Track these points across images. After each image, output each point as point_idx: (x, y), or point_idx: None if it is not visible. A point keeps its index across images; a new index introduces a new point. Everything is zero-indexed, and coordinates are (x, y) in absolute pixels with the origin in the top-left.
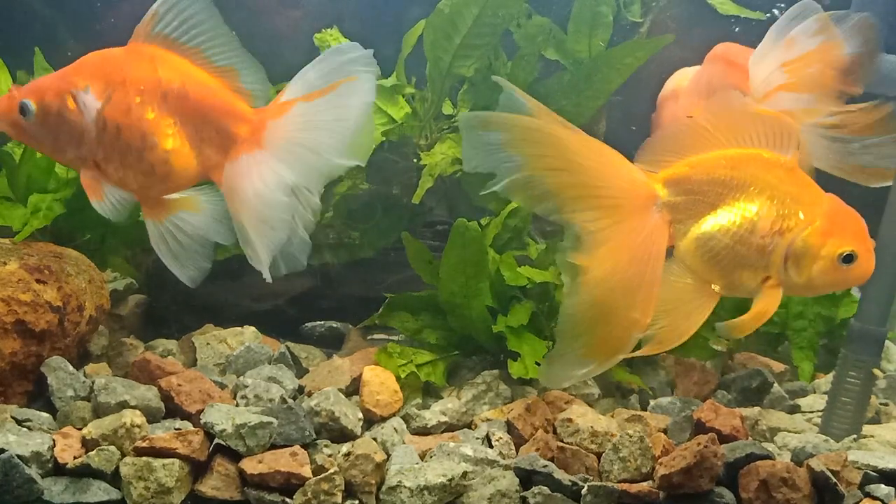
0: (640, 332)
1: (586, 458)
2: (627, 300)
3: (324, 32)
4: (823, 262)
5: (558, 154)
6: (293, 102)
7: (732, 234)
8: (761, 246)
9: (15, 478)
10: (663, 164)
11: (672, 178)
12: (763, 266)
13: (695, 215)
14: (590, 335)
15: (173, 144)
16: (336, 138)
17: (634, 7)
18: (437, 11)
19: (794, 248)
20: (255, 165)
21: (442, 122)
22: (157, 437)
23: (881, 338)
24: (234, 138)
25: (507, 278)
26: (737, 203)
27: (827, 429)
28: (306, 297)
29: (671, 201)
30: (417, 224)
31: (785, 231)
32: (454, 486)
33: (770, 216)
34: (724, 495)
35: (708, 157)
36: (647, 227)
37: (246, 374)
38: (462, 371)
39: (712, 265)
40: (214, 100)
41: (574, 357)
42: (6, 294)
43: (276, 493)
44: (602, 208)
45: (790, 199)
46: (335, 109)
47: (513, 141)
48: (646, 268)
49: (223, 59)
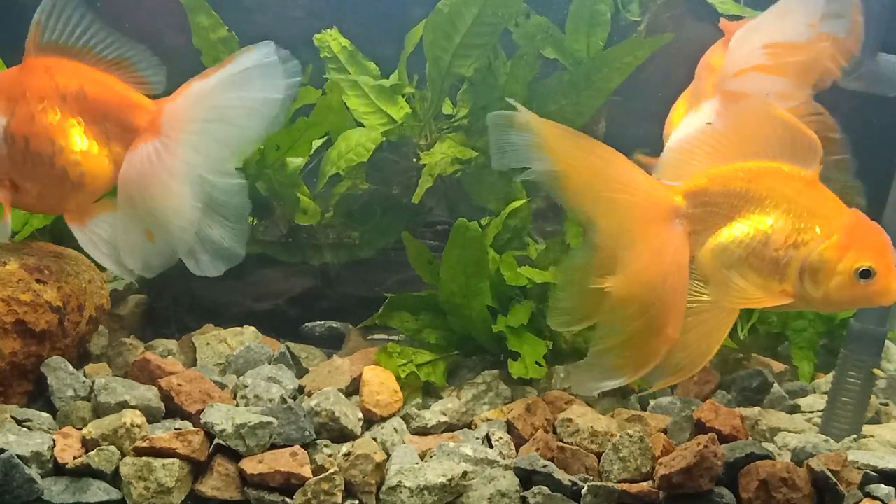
0: (669, 345)
1: (586, 458)
2: (660, 313)
3: (324, 33)
4: (840, 278)
5: (585, 161)
6: (189, 84)
7: (745, 246)
8: (775, 259)
9: (15, 478)
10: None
11: (691, 191)
12: (778, 279)
13: (711, 227)
14: (622, 348)
15: (82, 146)
16: (238, 113)
17: (633, 6)
18: (437, 11)
19: (810, 262)
20: (154, 154)
21: (442, 121)
22: (157, 437)
23: (881, 338)
24: (135, 130)
25: (507, 278)
26: (752, 215)
27: (827, 429)
28: (306, 297)
29: (690, 213)
30: (417, 224)
31: (800, 244)
32: (454, 486)
33: (785, 229)
34: (724, 495)
35: (726, 169)
36: (672, 239)
37: (246, 374)
38: (462, 371)
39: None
40: (112, 95)
41: (605, 368)
42: (6, 294)
43: (276, 493)
44: (627, 221)
45: (807, 212)
46: (232, 84)
47: (541, 142)
48: (674, 280)
49: (113, 53)
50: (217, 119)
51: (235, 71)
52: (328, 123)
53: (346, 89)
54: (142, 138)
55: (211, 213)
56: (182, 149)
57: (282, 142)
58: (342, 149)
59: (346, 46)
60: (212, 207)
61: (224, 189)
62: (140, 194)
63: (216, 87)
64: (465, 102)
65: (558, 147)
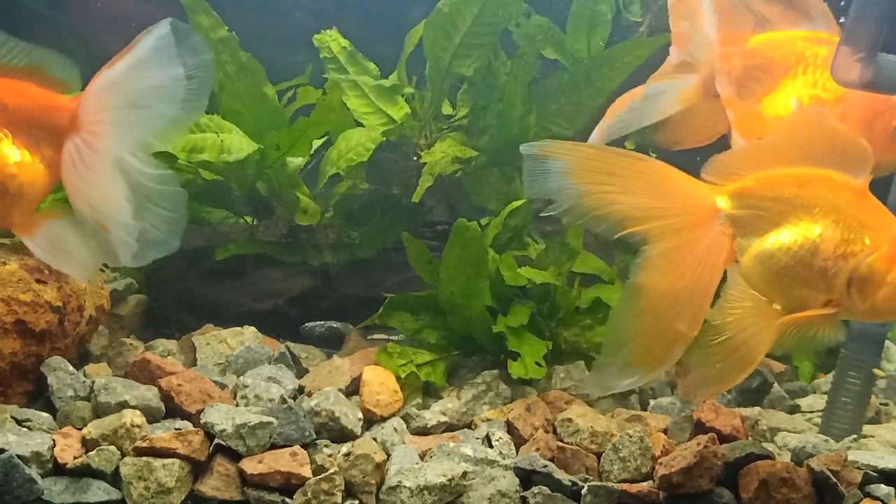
0: (685, 344)
1: (586, 458)
2: (676, 311)
3: (324, 33)
4: (889, 289)
5: (616, 180)
6: (99, 74)
7: (793, 255)
8: (823, 269)
9: (15, 478)
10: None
11: (737, 192)
12: (825, 289)
13: (757, 231)
14: (636, 345)
15: (14, 157)
16: (146, 95)
17: (634, 7)
18: (437, 11)
19: (859, 274)
20: (80, 148)
21: (441, 121)
22: (157, 437)
23: (881, 338)
24: (60, 131)
25: (506, 278)
26: (800, 223)
27: (827, 429)
28: (306, 297)
29: (734, 214)
30: (417, 224)
31: (849, 255)
32: (454, 486)
33: (834, 239)
34: (724, 495)
35: (776, 173)
36: (707, 239)
37: (246, 374)
38: (462, 371)
39: (773, 283)
40: (31, 101)
41: (620, 366)
42: (6, 294)
43: (276, 493)
44: (663, 225)
45: (857, 223)
46: (136, 67)
47: (571, 169)
48: (699, 280)
49: (23, 60)
50: (128, 104)
51: (137, 54)
52: (328, 123)
53: (345, 89)
54: (68, 136)
55: (144, 202)
56: (103, 138)
57: (282, 142)
58: (342, 149)
59: (345, 46)
60: (145, 197)
61: (155, 178)
62: (80, 190)
63: (122, 73)
64: (464, 102)
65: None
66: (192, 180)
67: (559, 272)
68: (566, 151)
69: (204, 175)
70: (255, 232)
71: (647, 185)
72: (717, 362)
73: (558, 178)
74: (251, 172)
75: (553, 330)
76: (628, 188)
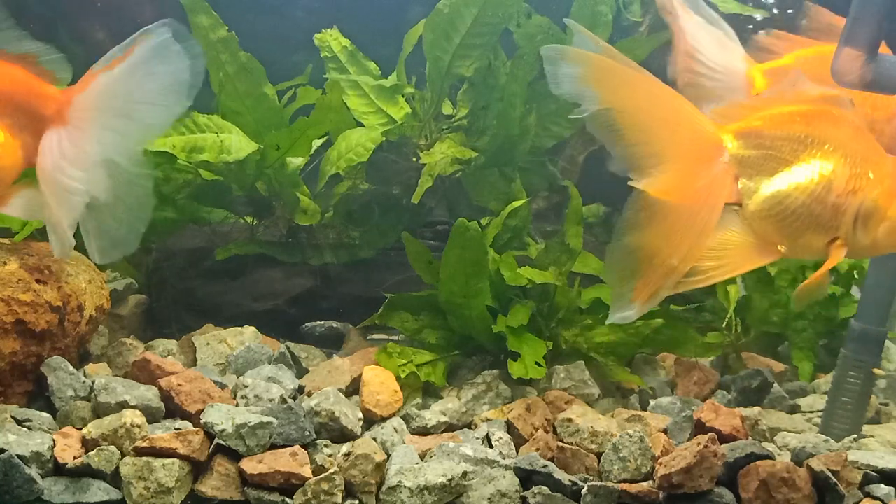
0: (676, 279)
1: (586, 458)
2: (671, 246)
3: (324, 32)
4: (890, 223)
5: (629, 95)
6: (96, 75)
7: (810, 193)
8: (836, 205)
9: (15, 478)
10: (736, 117)
11: (744, 131)
12: (834, 226)
13: (766, 171)
14: (636, 278)
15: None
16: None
17: (634, 7)
18: (437, 11)
19: (865, 209)
20: (57, 142)
21: (441, 121)
22: (157, 437)
23: (881, 338)
24: (43, 119)
25: (507, 278)
26: (812, 160)
27: (827, 429)
28: (306, 297)
29: (741, 154)
30: (417, 224)
31: (857, 191)
32: (454, 486)
33: (844, 175)
34: (724, 495)
35: (781, 111)
36: (708, 177)
37: (246, 374)
38: (462, 371)
39: (783, 224)
40: (19, 86)
41: (626, 300)
42: (6, 294)
43: (276, 493)
44: (666, 153)
45: (861, 158)
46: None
47: (588, 76)
48: (697, 217)
49: (17, 47)
50: (125, 109)
51: (136, 60)
52: (328, 122)
53: (346, 89)
54: (50, 127)
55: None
56: (89, 138)
57: (282, 142)
58: (342, 149)
59: (346, 46)
60: (116, 196)
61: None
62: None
63: (121, 78)
64: (464, 102)
65: (604, 78)
66: (192, 180)
67: (559, 272)
68: (582, 58)
69: (204, 175)
70: (255, 232)
71: (658, 111)
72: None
73: (577, 83)
74: (251, 172)
75: (553, 330)
76: (640, 109)
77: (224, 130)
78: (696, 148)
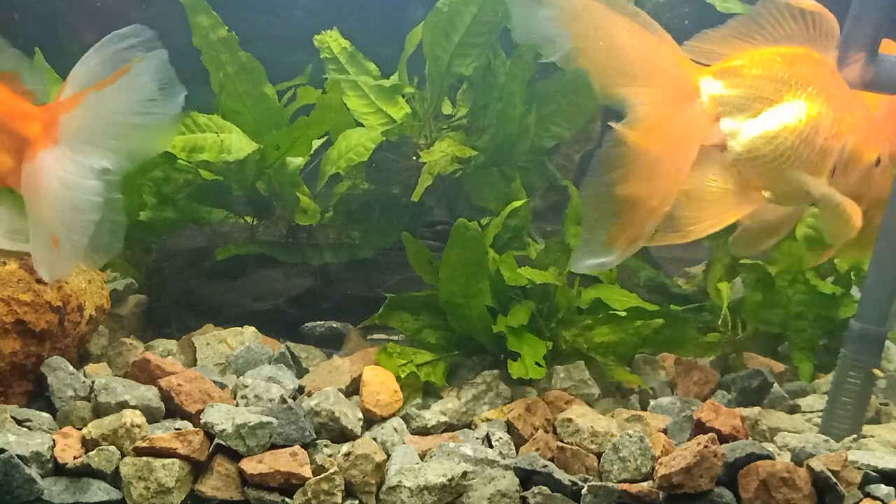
0: (657, 221)
1: (586, 458)
2: (650, 187)
3: (324, 33)
4: (865, 167)
5: (604, 34)
6: (85, 94)
7: (799, 133)
8: (824, 148)
9: (15, 478)
10: (715, 57)
11: (725, 71)
12: (819, 170)
13: (750, 111)
14: (610, 221)
15: None
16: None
17: None
18: (436, 10)
19: (846, 152)
20: (54, 161)
21: (441, 121)
22: (157, 437)
23: (881, 338)
24: (26, 139)
25: (507, 278)
26: (798, 101)
27: (827, 429)
28: (306, 297)
29: (721, 95)
30: (417, 224)
31: (840, 135)
32: (454, 486)
33: (829, 117)
34: (724, 495)
35: (761, 52)
36: (686, 118)
37: (246, 374)
38: (462, 371)
39: (771, 167)
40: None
41: (598, 245)
42: (6, 294)
43: (276, 493)
44: (643, 94)
45: (840, 101)
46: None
47: (561, 17)
48: (674, 157)
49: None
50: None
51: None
52: (328, 122)
53: (346, 89)
54: (37, 146)
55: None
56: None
57: (282, 142)
58: (342, 149)
59: (346, 47)
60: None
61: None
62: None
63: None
64: (464, 102)
65: (578, 18)
66: (192, 180)
67: (559, 272)
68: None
69: (204, 175)
70: (255, 232)
71: (635, 49)
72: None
73: (547, 26)
74: (251, 172)
75: (553, 330)
76: (616, 46)
77: (224, 130)
78: (673, 87)
